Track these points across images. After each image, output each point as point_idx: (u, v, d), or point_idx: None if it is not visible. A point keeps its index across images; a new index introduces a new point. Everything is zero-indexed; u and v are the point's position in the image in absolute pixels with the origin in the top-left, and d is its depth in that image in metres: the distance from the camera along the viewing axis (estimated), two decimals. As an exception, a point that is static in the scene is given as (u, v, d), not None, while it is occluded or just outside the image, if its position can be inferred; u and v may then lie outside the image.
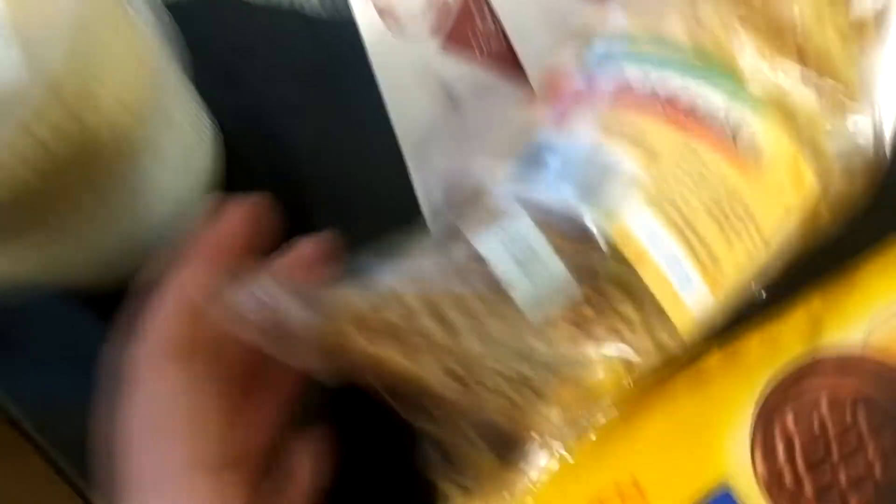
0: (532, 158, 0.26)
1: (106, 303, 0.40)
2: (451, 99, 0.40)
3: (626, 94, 0.26)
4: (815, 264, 0.32)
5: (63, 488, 0.39)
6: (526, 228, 0.24)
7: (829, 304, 0.28)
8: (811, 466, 0.26)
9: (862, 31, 0.27)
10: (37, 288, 0.35)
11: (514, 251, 0.24)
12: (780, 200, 0.25)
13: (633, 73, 0.26)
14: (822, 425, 0.26)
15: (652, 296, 0.24)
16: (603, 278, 0.24)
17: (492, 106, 0.39)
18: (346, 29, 0.42)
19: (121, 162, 0.32)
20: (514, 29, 0.40)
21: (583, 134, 0.26)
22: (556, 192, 0.25)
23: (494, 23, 0.40)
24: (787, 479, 0.26)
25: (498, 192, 0.26)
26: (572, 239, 0.24)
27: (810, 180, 0.26)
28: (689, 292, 0.24)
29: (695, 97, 0.25)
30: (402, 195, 0.39)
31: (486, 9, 0.41)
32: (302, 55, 0.43)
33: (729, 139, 0.25)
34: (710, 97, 0.25)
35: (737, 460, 0.26)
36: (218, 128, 0.40)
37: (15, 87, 0.25)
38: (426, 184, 0.39)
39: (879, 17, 0.26)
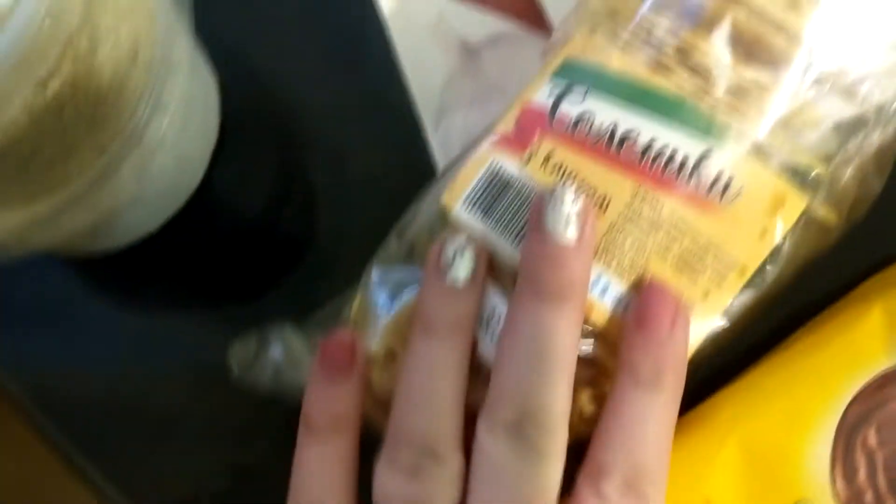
0: (493, 190, 0.27)
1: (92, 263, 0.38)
2: (467, 51, 0.37)
3: (582, 131, 0.26)
4: (880, 259, 0.30)
5: (46, 452, 0.38)
6: (496, 301, 0.26)
7: None
8: (893, 486, 0.24)
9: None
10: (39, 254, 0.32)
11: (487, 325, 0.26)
12: (751, 227, 0.25)
13: (592, 108, 0.26)
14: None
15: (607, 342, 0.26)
16: None
17: (510, 56, 0.37)
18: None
19: (124, 113, 0.29)
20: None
21: (539, 174, 0.26)
22: (509, 248, 0.26)
23: None
24: (869, 499, 0.25)
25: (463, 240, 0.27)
26: None
27: (794, 197, 0.26)
28: None
29: (651, 134, 0.25)
30: (417, 157, 0.37)
31: None
32: (309, 13, 0.39)
33: (685, 177, 0.25)
34: (667, 137, 0.25)
35: (816, 480, 0.25)
36: (219, 81, 0.36)
37: (36, 44, 0.21)
38: (445, 143, 0.36)
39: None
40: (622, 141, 0.25)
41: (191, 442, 0.37)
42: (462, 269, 0.25)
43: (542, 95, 0.27)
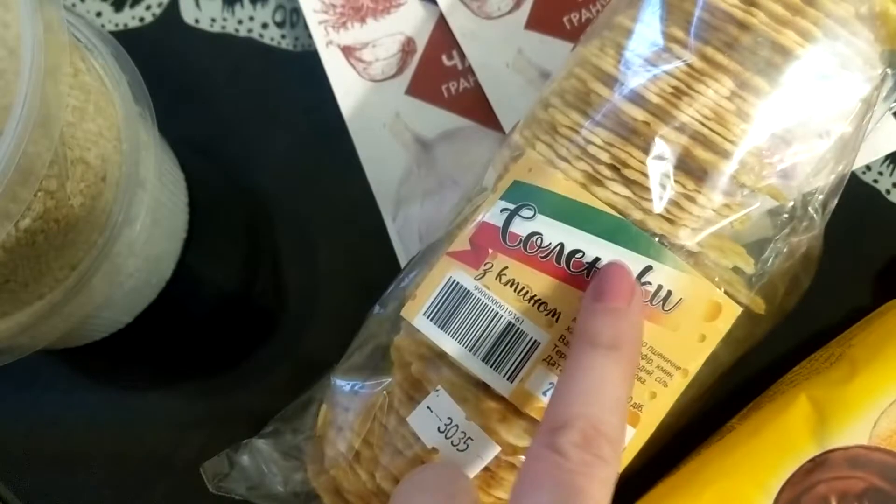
0: (451, 303, 0.28)
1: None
2: (422, 145, 0.39)
3: (532, 249, 0.28)
4: (805, 344, 0.32)
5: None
6: (446, 402, 0.27)
7: (833, 392, 0.28)
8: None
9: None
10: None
11: (437, 423, 0.27)
12: (691, 333, 0.27)
13: (541, 228, 0.28)
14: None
15: None
16: (518, 431, 0.27)
17: (463, 150, 0.39)
18: (310, 59, 0.40)
19: (94, 232, 0.30)
20: (482, 70, 0.39)
21: (493, 288, 0.28)
22: (467, 358, 0.27)
23: (462, 63, 0.39)
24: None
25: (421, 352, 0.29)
26: (488, 398, 0.27)
27: (730, 305, 0.28)
28: None
29: (596, 253, 0.27)
30: (379, 244, 0.39)
31: (454, 51, 0.40)
32: (263, 89, 0.41)
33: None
34: (610, 255, 0.27)
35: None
36: (187, 176, 0.38)
37: (7, 193, 0.23)
38: (404, 232, 0.38)
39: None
40: (569, 258, 0.27)
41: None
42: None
43: (494, 215, 0.29)
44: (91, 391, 0.40)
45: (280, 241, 0.41)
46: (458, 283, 0.28)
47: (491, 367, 0.27)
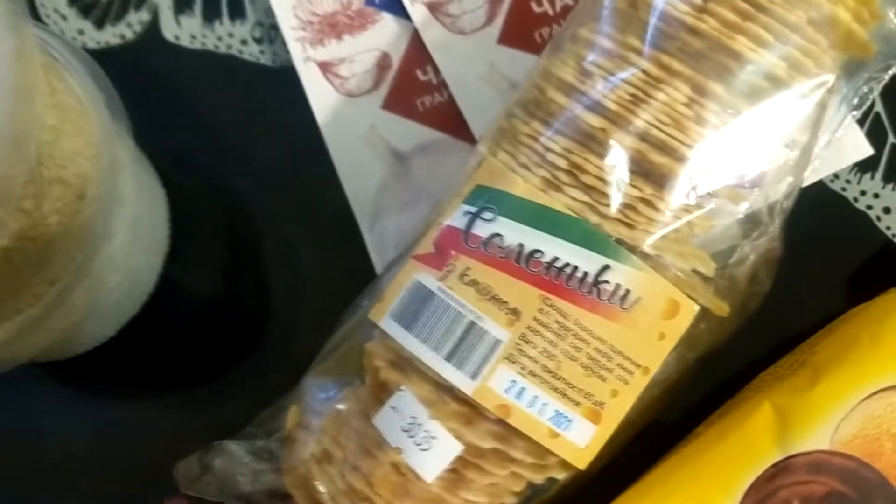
0: (415, 304, 0.29)
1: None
2: (397, 158, 0.40)
3: (493, 249, 0.28)
4: (774, 350, 0.33)
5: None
6: (410, 401, 0.28)
7: (796, 399, 0.29)
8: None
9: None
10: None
11: (402, 422, 0.28)
12: (650, 331, 0.28)
13: (501, 229, 0.28)
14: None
15: (529, 440, 0.28)
16: (482, 433, 0.28)
17: (438, 162, 0.39)
18: (289, 74, 0.41)
19: (72, 248, 0.31)
20: (456, 84, 0.39)
21: (456, 288, 0.28)
22: (431, 358, 0.28)
23: (436, 78, 0.40)
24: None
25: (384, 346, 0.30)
26: (454, 400, 0.28)
27: (687, 304, 0.28)
28: (572, 430, 0.28)
29: (554, 252, 0.28)
30: (355, 256, 0.39)
31: (428, 66, 0.40)
32: (243, 104, 0.42)
33: (587, 289, 0.28)
34: (568, 255, 0.28)
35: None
36: (167, 190, 0.39)
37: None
38: (380, 243, 0.39)
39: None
40: (529, 258, 0.28)
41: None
42: None
43: (456, 218, 0.29)
44: (79, 404, 0.41)
45: (262, 252, 0.41)
46: (422, 284, 0.29)
47: (453, 365, 0.28)
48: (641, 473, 0.29)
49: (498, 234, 0.28)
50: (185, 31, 0.42)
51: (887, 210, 0.36)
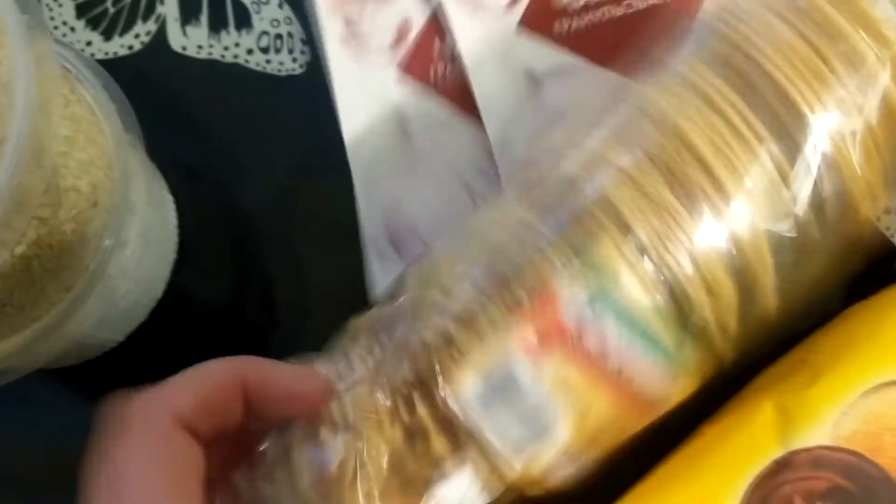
0: (499, 386, 0.28)
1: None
2: (403, 128, 0.40)
3: (598, 354, 0.28)
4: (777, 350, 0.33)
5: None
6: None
7: (796, 396, 0.29)
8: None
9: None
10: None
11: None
12: None
13: (607, 329, 0.28)
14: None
15: None
16: None
17: (442, 140, 0.40)
18: (294, 83, 0.42)
19: (86, 255, 0.31)
20: (472, 64, 0.40)
21: (545, 381, 0.28)
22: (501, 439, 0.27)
23: (453, 58, 0.41)
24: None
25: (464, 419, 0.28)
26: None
27: None
28: None
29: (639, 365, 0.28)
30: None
31: (447, 42, 0.41)
32: (249, 112, 0.42)
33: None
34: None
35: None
36: (176, 198, 0.39)
37: (3, 222, 0.24)
38: (368, 203, 0.40)
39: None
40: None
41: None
42: None
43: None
44: (86, 410, 0.40)
45: (269, 261, 0.42)
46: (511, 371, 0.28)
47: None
48: (644, 473, 0.30)
49: (612, 330, 0.28)
50: (191, 41, 0.43)
51: (887, 211, 0.37)
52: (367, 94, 0.40)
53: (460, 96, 0.40)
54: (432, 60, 0.41)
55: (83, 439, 0.40)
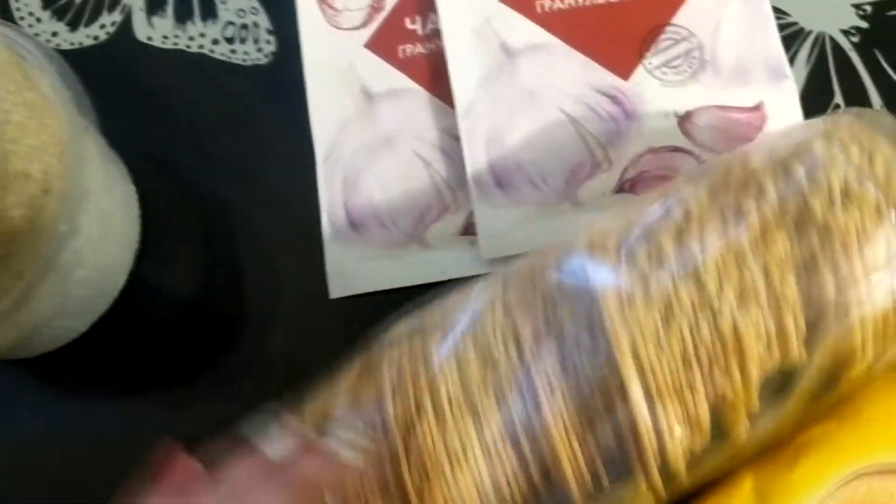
0: None
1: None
2: (367, 96, 0.41)
3: None
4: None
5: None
6: None
7: (776, 480, 0.28)
8: None
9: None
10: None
11: None
12: None
13: None
14: None
15: None
16: None
17: (404, 116, 0.41)
18: (259, 72, 0.41)
19: (38, 243, 0.31)
20: (449, 30, 0.41)
21: None
22: None
23: (425, 38, 0.41)
24: None
25: None
26: None
27: None
28: None
29: None
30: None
31: (417, 16, 0.42)
32: (214, 102, 0.42)
33: None
34: None
35: None
36: (137, 186, 0.39)
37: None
38: (328, 174, 0.41)
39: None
40: None
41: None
42: None
43: None
44: (48, 403, 0.40)
45: (235, 250, 0.42)
46: None
47: None
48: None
49: None
50: (157, 31, 0.43)
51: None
52: (335, 69, 0.41)
53: (428, 76, 0.41)
54: (402, 39, 0.41)
55: (48, 433, 0.40)
